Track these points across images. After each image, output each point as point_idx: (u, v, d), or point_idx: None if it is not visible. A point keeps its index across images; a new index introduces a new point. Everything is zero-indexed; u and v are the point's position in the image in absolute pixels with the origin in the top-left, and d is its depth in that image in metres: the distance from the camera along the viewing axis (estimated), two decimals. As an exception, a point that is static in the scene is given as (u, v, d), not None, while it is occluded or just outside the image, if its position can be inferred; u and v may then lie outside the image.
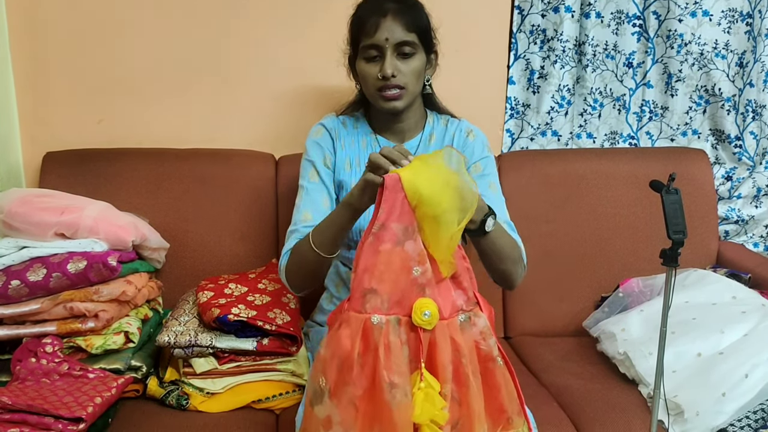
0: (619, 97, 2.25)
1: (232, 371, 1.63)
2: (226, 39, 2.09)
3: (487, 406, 1.24)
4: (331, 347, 1.19)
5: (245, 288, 1.75)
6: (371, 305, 1.18)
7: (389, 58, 1.48)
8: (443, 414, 1.17)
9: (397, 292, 1.19)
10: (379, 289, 1.18)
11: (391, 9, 1.48)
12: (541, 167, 2.10)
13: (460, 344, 1.21)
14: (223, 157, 2.05)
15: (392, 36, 1.48)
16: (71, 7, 2.03)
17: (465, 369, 1.20)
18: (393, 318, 1.19)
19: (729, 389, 1.56)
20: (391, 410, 1.14)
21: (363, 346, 1.17)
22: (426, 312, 1.18)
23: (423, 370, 1.17)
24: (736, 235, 2.31)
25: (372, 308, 1.18)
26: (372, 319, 1.18)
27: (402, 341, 1.18)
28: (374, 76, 1.51)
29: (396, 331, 1.18)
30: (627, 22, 2.18)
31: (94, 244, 1.66)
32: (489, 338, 1.25)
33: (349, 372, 1.17)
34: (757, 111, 2.25)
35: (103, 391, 1.47)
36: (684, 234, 1.30)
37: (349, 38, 1.58)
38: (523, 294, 2.06)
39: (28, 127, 2.09)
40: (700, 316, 1.77)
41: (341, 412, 1.17)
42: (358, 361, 1.17)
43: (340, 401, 1.17)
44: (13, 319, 1.61)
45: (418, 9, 1.54)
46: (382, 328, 1.17)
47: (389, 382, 1.15)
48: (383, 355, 1.16)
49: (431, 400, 1.16)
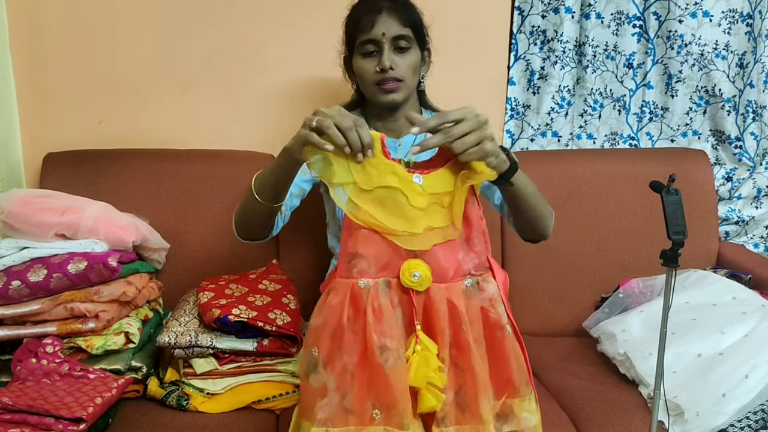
0: (619, 98, 2.25)
1: (233, 372, 1.63)
2: (226, 39, 2.09)
3: (493, 375, 1.22)
4: (321, 316, 1.19)
5: (246, 288, 1.75)
6: (358, 270, 1.17)
7: (387, 51, 1.53)
8: (440, 376, 1.16)
9: (383, 256, 1.17)
10: (364, 253, 1.17)
11: (385, 6, 1.54)
12: (541, 168, 2.10)
13: (459, 309, 1.19)
14: (223, 158, 2.06)
15: (389, 30, 1.53)
16: (71, 7, 2.03)
17: (465, 335, 1.19)
18: (381, 281, 1.17)
19: (729, 390, 1.56)
20: (385, 374, 1.14)
21: (352, 312, 1.16)
22: (415, 273, 1.16)
23: (418, 333, 1.17)
24: (737, 236, 2.31)
25: (359, 272, 1.17)
26: (359, 283, 1.17)
27: (394, 304, 1.18)
28: (372, 71, 1.56)
29: (386, 293, 1.17)
30: (627, 22, 2.18)
31: (94, 245, 1.66)
32: (498, 306, 1.23)
33: (341, 339, 1.16)
34: (758, 112, 2.25)
35: (103, 392, 1.47)
36: (684, 235, 1.31)
37: (345, 38, 1.63)
38: (523, 294, 2.06)
39: (29, 127, 2.09)
40: (701, 317, 1.77)
41: (336, 379, 1.16)
42: (349, 327, 1.16)
43: (335, 369, 1.17)
44: (14, 320, 1.61)
45: (410, 6, 1.60)
46: (369, 291, 1.16)
47: (380, 345, 1.14)
48: (372, 319, 1.15)
49: (427, 363, 1.15)
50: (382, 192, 1.17)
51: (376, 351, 1.14)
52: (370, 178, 1.16)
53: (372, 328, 1.14)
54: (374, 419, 1.16)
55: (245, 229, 1.51)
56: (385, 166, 1.16)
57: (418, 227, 1.17)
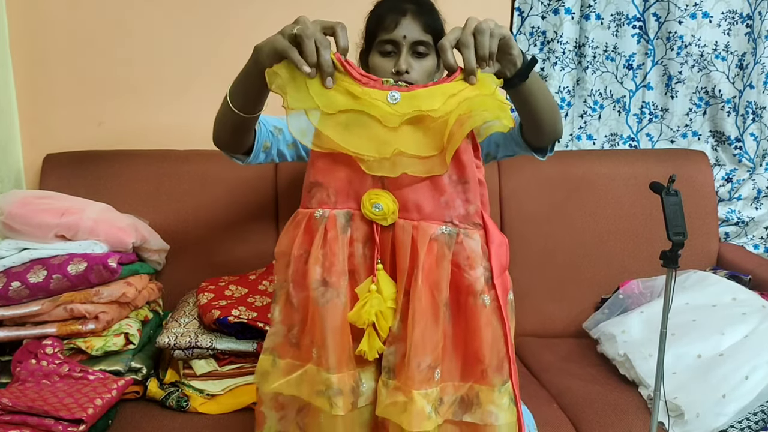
0: (619, 99, 2.25)
1: (233, 373, 1.63)
2: (226, 39, 2.09)
3: (457, 348, 1.10)
4: (279, 245, 1.13)
5: (245, 289, 1.75)
6: (317, 200, 1.09)
7: (405, 54, 1.52)
8: (385, 320, 1.07)
9: (346, 186, 1.08)
10: (323, 181, 1.09)
11: (410, 9, 1.53)
12: (541, 169, 2.10)
13: (418, 252, 1.06)
14: (223, 159, 2.02)
15: (410, 34, 1.51)
16: (71, 8, 2.03)
17: (417, 284, 1.06)
18: (342, 212, 1.09)
19: (729, 391, 1.56)
20: (319, 312, 1.07)
21: (305, 243, 1.09)
22: (377, 204, 1.07)
23: (378, 271, 1.08)
24: (737, 237, 2.31)
25: (318, 202, 1.09)
26: (315, 213, 1.09)
27: (355, 238, 1.09)
28: (388, 71, 1.54)
29: (345, 226, 1.09)
30: (627, 23, 2.18)
31: (94, 246, 1.66)
32: (476, 268, 1.07)
33: (286, 269, 1.11)
34: (757, 113, 2.25)
35: (103, 393, 1.47)
36: (684, 235, 1.31)
37: (365, 33, 1.62)
38: (523, 295, 2.03)
39: (29, 128, 2.09)
40: (701, 318, 1.77)
41: (281, 311, 1.12)
42: (298, 259, 1.09)
43: (280, 300, 1.13)
44: (14, 321, 1.61)
45: (435, 13, 1.58)
46: (324, 222, 1.08)
47: (320, 279, 1.07)
48: (318, 250, 1.07)
49: (371, 303, 1.07)
50: (347, 116, 1.06)
51: (313, 284, 1.07)
52: (333, 102, 1.05)
53: (315, 261, 1.07)
54: (312, 356, 1.10)
55: (218, 134, 1.40)
56: (348, 85, 1.06)
57: (386, 150, 1.05)
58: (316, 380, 1.10)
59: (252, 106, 1.28)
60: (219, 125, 1.38)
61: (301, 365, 1.12)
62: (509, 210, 2.07)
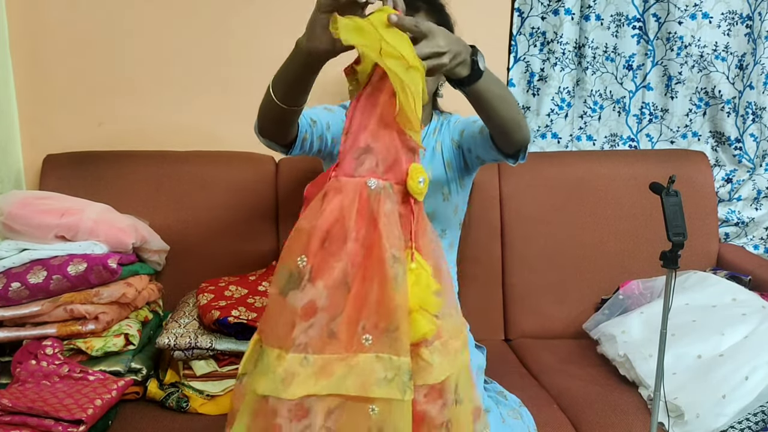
0: (619, 100, 2.25)
1: (233, 373, 1.63)
2: (227, 40, 2.09)
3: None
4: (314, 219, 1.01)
5: (245, 290, 1.75)
6: (366, 167, 1.02)
7: None
8: (435, 301, 1.03)
9: (391, 154, 1.04)
10: (375, 147, 1.03)
11: (423, 8, 1.53)
12: (541, 169, 2.10)
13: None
14: (223, 160, 2.06)
15: None
16: (71, 8, 2.03)
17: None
18: (387, 184, 1.03)
19: (729, 391, 1.56)
20: (392, 290, 0.99)
21: (357, 215, 1.01)
22: (421, 179, 1.04)
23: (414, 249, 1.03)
24: (737, 237, 2.31)
25: (367, 171, 1.02)
26: (369, 182, 1.02)
27: (396, 211, 1.04)
28: None
29: (391, 198, 1.03)
30: (627, 24, 2.18)
31: (94, 246, 1.66)
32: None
33: (341, 246, 1.00)
34: (757, 113, 2.25)
35: (103, 394, 1.47)
36: (684, 236, 1.31)
37: None
38: (523, 296, 2.06)
39: (29, 129, 2.09)
40: (701, 318, 1.77)
41: (330, 294, 0.99)
42: (351, 233, 1.00)
43: (328, 282, 1.00)
44: (14, 322, 1.61)
45: (445, 14, 1.59)
46: (380, 194, 1.02)
47: (392, 255, 0.99)
48: (384, 225, 1.00)
49: (422, 283, 1.02)
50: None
51: (389, 261, 0.98)
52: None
53: (384, 236, 0.99)
54: (363, 345, 1.00)
55: (261, 123, 1.34)
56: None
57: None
58: (376, 368, 1.00)
59: (294, 98, 1.25)
60: (262, 116, 1.33)
61: (346, 357, 1.01)
62: (509, 211, 2.07)
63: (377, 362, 1.00)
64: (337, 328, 1.00)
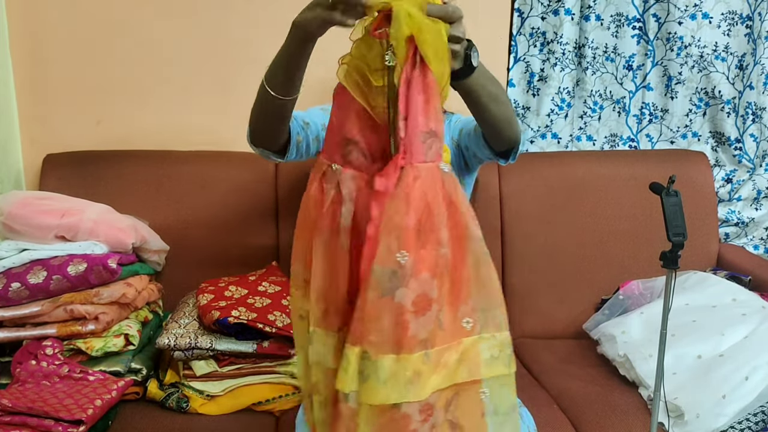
0: (618, 100, 2.25)
1: (232, 374, 1.63)
2: (227, 40, 2.09)
3: None
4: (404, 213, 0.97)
5: (245, 290, 1.75)
6: (433, 151, 1.00)
7: None
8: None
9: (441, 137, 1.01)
10: (438, 131, 1.00)
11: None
12: (541, 170, 2.11)
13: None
14: (223, 160, 2.06)
15: None
16: (71, 8, 2.03)
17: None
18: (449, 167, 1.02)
19: (729, 391, 1.56)
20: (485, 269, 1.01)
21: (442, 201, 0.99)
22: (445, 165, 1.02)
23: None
24: (737, 238, 2.31)
25: (434, 155, 1.00)
26: (441, 166, 1.00)
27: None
28: None
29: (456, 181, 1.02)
30: (627, 24, 2.18)
31: (94, 247, 1.66)
32: None
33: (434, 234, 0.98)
34: (757, 113, 2.25)
35: (103, 394, 1.47)
36: (684, 236, 1.31)
37: None
38: (523, 296, 2.06)
39: (28, 129, 2.09)
40: (701, 319, 1.78)
41: (438, 284, 0.98)
42: (442, 220, 0.99)
43: (433, 271, 0.98)
44: (14, 322, 1.61)
45: None
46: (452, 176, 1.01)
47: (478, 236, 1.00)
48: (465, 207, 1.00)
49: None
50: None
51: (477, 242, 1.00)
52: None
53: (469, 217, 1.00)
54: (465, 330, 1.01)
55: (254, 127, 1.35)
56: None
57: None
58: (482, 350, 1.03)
59: (291, 85, 1.26)
60: (255, 119, 1.34)
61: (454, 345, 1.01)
62: (509, 210, 2.07)
63: (482, 343, 1.02)
64: (443, 318, 0.99)
